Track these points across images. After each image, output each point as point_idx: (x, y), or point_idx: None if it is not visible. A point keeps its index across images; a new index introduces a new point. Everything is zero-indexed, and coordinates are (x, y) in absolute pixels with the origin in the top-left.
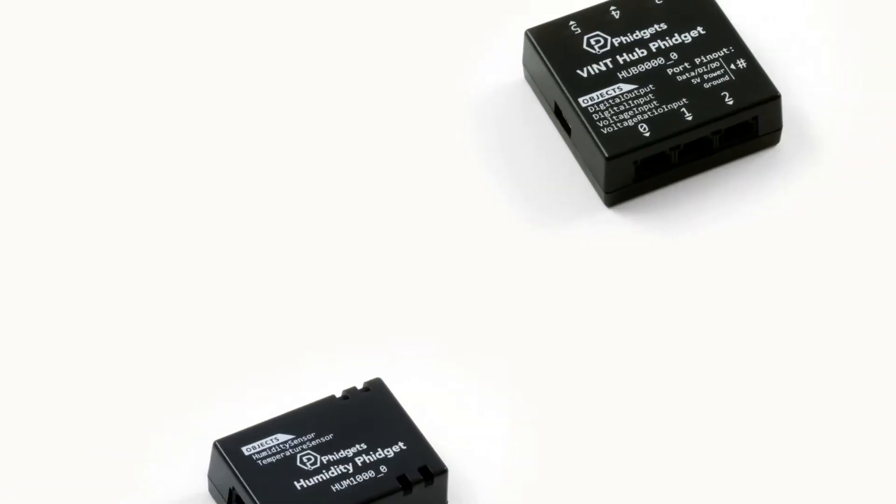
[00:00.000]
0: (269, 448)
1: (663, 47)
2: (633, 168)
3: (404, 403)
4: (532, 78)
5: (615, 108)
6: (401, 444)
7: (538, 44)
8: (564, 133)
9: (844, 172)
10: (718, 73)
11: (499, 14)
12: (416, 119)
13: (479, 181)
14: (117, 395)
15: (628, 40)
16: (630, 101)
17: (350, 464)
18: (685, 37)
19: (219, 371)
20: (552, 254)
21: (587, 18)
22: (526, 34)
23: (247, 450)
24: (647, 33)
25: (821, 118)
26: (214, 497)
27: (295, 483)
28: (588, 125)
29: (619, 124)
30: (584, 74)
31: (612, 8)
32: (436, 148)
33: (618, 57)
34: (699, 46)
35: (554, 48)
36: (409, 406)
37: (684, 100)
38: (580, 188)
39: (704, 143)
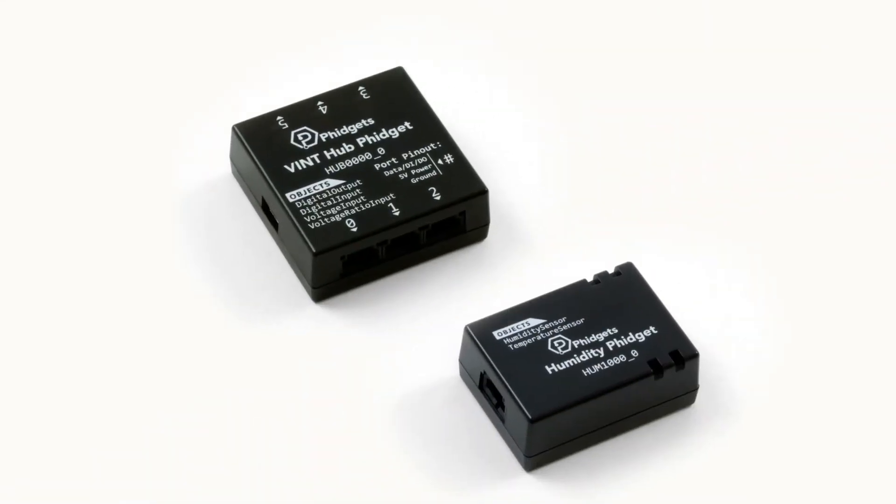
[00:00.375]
0: (521, 332)
1: (371, 142)
2: (341, 263)
3: (655, 287)
4: (239, 173)
5: (322, 204)
6: (652, 328)
7: (245, 139)
8: (272, 228)
9: (551, 263)
10: (426, 168)
11: (206, 109)
12: (124, 214)
13: (188, 277)
14: None
15: (336, 135)
16: (337, 197)
17: (601, 348)
18: (392, 132)
19: None
20: (261, 349)
21: (294, 113)
22: (233, 129)
23: (498, 334)
24: (354, 128)
25: (528, 213)
26: (465, 381)
27: (546, 367)
28: (295, 220)
29: (326, 219)
30: (292, 169)
31: (320, 103)
32: (143, 243)
33: (325, 152)
34: (406, 142)
35: (261, 143)
36: (660, 290)
37: (392, 195)
38: (288, 283)
39: (412, 238)
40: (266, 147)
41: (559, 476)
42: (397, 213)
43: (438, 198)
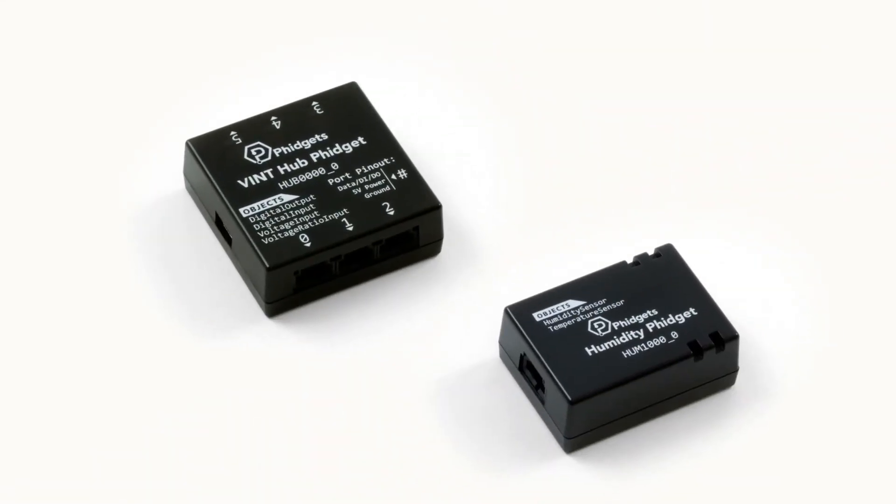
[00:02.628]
0: (561, 314)
1: (324, 157)
2: (294, 278)
3: (695, 269)
4: (193, 188)
5: (276, 219)
6: (692, 309)
7: (199, 154)
8: (226, 243)
9: (504, 278)
10: (379, 183)
11: (159, 124)
12: (77, 230)
13: (141, 292)
14: None
15: (289, 150)
16: (291, 212)
17: (641, 330)
18: (346, 147)
19: None
20: (215, 365)
21: (248, 128)
22: (187, 144)
23: (538, 316)
24: (308, 143)
25: (481, 228)
26: (505, 363)
27: (586, 349)
28: (249, 235)
29: (279, 234)
30: (245, 185)
31: (273, 118)
32: (96, 259)
33: (279, 167)
34: (360, 157)
35: (215, 158)
36: (701, 271)
37: (345, 210)
38: (242, 298)
39: (365, 254)
40: (219, 162)
41: (599, 458)
42: (351, 229)
43: (392, 213)
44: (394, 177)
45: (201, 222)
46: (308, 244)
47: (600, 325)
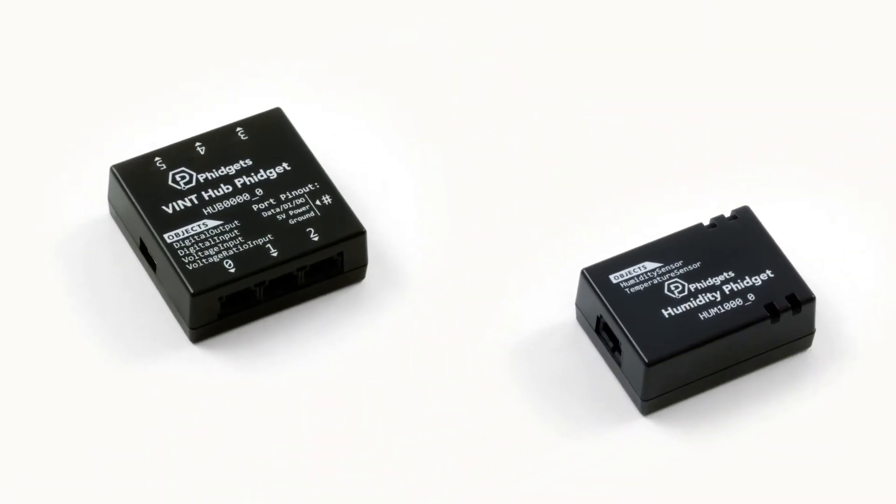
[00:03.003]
0: (637, 276)
1: (249, 183)
2: (219, 304)
3: (772, 231)
4: (117, 213)
5: (200, 245)
6: (768, 271)
7: (123, 179)
8: (150, 269)
9: (428, 303)
10: (304, 209)
11: (84, 149)
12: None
13: (66, 319)
14: None
15: (214, 176)
16: (215, 237)
17: (717, 292)
18: (271, 173)
19: None
20: (140, 390)
21: (172, 154)
22: (111, 170)
23: (614, 278)
24: (232, 169)
25: (405, 253)
26: (582, 325)
27: (662, 311)
28: (173, 261)
29: (204, 260)
30: (170, 210)
31: (198, 144)
32: (20, 284)
33: (203, 193)
34: (284, 182)
35: (139, 184)
36: (777, 233)
37: (270, 236)
38: (167, 324)
39: (290, 279)
40: (144, 188)
41: (675, 420)
42: (275, 254)
43: (316, 238)
44: (318, 203)
45: (126, 248)
46: (232, 270)
47: (677, 287)
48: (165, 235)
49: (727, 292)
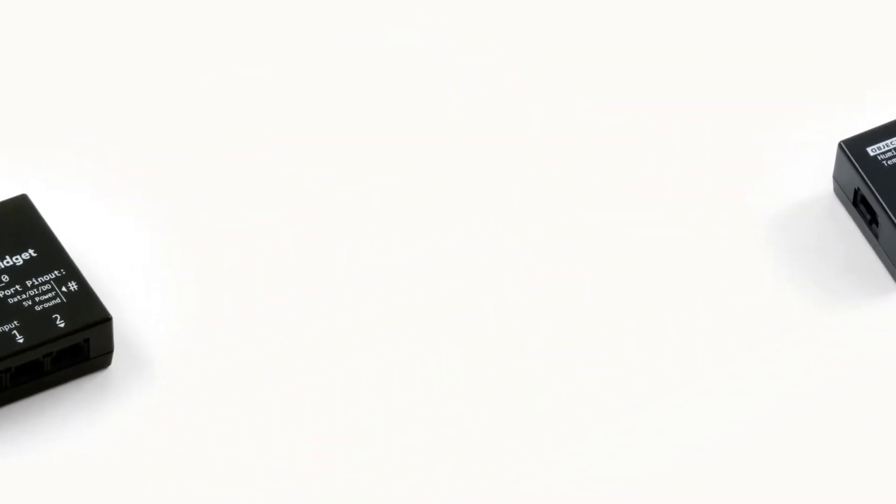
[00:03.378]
0: (895, 149)
1: None
2: None
3: None
4: None
5: None
6: None
7: None
8: None
9: (177, 391)
10: (50, 295)
11: None
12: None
13: None
14: None
15: None
16: None
17: None
18: (17, 259)
19: None
20: None
21: None
22: None
23: (872, 150)
24: None
25: (151, 340)
26: (839, 197)
27: None
28: None
29: None
30: None
31: None
32: None
33: None
34: (31, 269)
35: None
36: None
37: (16, 322)
38: None
39: (36, 366)
40: None
41: None
42: (21, 341)
43: (62, 325)
44: (64, 289)
45: None
46: None
47: None
48: None
49: None
